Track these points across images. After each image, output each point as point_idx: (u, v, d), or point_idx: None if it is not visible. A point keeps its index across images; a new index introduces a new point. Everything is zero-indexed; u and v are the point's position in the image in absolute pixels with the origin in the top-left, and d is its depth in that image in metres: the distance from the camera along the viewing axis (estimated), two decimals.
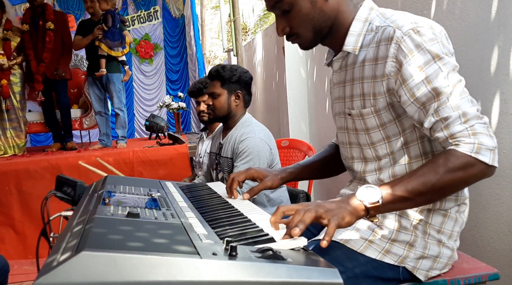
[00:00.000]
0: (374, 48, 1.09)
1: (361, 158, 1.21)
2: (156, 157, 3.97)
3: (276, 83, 4.69)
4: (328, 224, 0.92)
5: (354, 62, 1.16)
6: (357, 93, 1.15)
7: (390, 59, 1.04)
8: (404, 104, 1.05)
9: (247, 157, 2.03)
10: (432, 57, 1.01)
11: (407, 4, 2.13)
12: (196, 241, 0.77)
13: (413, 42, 1.02)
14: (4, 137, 4.52)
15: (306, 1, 1.11)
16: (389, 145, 1.14)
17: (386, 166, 1.15)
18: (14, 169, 3.74)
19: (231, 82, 2.17)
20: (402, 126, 1.12)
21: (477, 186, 1.68)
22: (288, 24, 1.15)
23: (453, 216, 1.14)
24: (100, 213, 0.87)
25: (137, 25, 7.33)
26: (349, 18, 1.15)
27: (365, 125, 1.15)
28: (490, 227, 1.68)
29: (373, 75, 1.10)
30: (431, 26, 1.05)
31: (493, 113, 1.62)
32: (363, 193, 0.98)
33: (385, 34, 1.06)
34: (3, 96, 4.42)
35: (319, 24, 1.14)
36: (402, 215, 1.14)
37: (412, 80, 1.02)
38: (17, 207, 3.67)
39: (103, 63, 4.45)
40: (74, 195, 1.37)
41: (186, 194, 1.36)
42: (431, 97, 1.01)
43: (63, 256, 0.64)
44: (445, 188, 1.00)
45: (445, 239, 1.13)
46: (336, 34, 1.17)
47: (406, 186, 0.99)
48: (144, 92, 7.51)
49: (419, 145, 1.12)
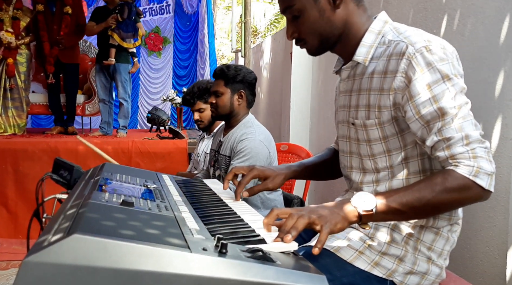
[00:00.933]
0: (385, 61, 1.09)
1: (360, 168, 1.22)
2: (155, 149, 3.97)
3: (280, 88, 4.69)
4: (320, 230, 0.93)
5: (362, 73, 1.17)
6: (363, 104, 1.16)
7: (400, 74, 1.05)
8: (409, 120, 1.06)
9: (244, 157, 2.03)
10: (442, 77, 1.02)
11: (417, 21, 2.14)
12: (187, 235, 0.77)
13: (424, 60, 1.02)
14: (5, 116, 4.52)
15: (315, 10, 1.13)
16: (389, 158, 1.14)
17: (384, 179, 1.16)
18: (12, 148, 3.75)
19: (235, 81, 2.18)
20: (404, 141, 1.12)
21: (471, 208, 1.69)
22: (296, 30, 1.17)
23: (445, 235, 1.15)
24: (94, 198, 0.87)
25: (148, 17, 7.34)
26: (361, 29, 1.16)
27: (368, 137, 1.16)
28: (481, 249, 1.68)
29: (380, 88, 1.10)
30: (443, 46, 1.06)
31: (494, 137, 1.62)
32: (359, 199, 0.99)
33: (397, 49, 1.07)
34: (7, 75, 4.43)
35: (326, 33, 1.15)
36: (394, 229, 1.14)
37: (419, 98, 1.03)
38: (11, 186, 3.68)
39: (112, 52, 4.47)
40: (70, 179, 1.37)
41: (181, 189, 1.36)
42: (436, 116, 1.02)
43: (54, 237, 0.64)
44: (439, 206, 1.02)
45: (435, 256, 1.14)
46: (347, 44, 1.18)
47: (401, 199, 1.00)
48: (150, 85, 7.51)
49: (418, 162, 1.12)
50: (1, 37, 4.35)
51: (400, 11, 2.31)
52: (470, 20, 1.77)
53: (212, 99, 2.22)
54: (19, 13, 4.48)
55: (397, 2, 2.35)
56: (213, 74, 2.29)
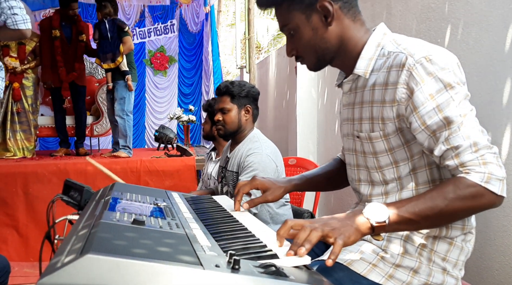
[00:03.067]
0: (385, 73, 1.09)
1: (368, 181, 1.21)
2: (163, 167, 3.98)
3: (286, 102, 4.71)
4: (334, 243, 0.92)
5: (364, 85, 1.17)
6: (366, 116, 1.16)
7: (401, 85, 1.05)
8: (415, 131, 1.06)
9: (252, 172, 2.03)
10: (444, 85, 1.02)
11: (421, 32, 2.15)
12: (199, 252, 0.77)
13: (425, 70, 1.02)
14: (14, 139, 4.57)
15: (308, 28, 1.15)
16: (396, 169, 1.13)
17: (393, 191, 1.15)
18: (22, 171, 3.78)
19: (241, 97, 2.20)
20: (410, 152, 1.12)
21: (484, 217, 1.67)
22: (294, 47, 1.20)
23: (459, 245, 1.13)
24: (106, 218, 0.87)
25: (153, 37, 7.43)
26: (359, 42, 1.16)
27: (373, 149, 1.16)
28: (496, 258, 1.65)
29: (382, 100, 1.10)
30: (443, 54, 1.05)
31: (504, 144, 1.61)
32: (371, 211, 0.98)
33: (397, 60, 1.07)
34: (14, 99, 4.49)
35: (321, 50, 1.17)
36: (407, 240, 1.13)
37: (424, 108, 1.02)
38: (22, 209, 3.69)
39: (108, 76, 4.48)
40: (80, 200, 1.37)
41: (191, 205, 1.36)
42: (442, 125, 1.01)
43: (67, 258, 0.64)
44: (452, 215, 1.00)
45: (450, 267, 1.12)
46: (345, 58, 1.19)
47: (414, 208, 0.99)
48: (155, 104, 7.57)
49: (427, 172, 1.12)
50: (6, 63, 4.42)
51: (404, 22, 2.32)
52: (474, 28, 1.78)
53: (219, 116, 2.23)
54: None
55: (400, 13, 2.36)
56: (216, 91, 2.29)
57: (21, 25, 2.48)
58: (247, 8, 6.38)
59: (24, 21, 2.49)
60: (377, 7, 2.64)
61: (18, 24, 2.47)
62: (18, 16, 2.45)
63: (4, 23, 2.46)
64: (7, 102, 4.49)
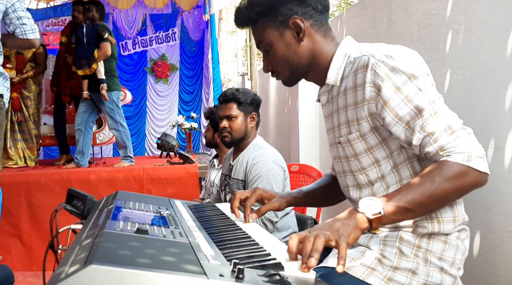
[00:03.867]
0: (353, 77, 1.16)
1: (355, 185, 1.25)
2: (165, 175, 3.98)
3: (288, 108, 4.71)
4: (338, 246, 0.93)
5: (337, 93, 1.23)
6: (343, 121, 1.21)
7: (368, 84, 1.10)
8: (389, 126, 1.10)
9: (263, 181, 2.03)
10: (408, 77, 1.07)
11: (422, 37, 2.16)
12: (203, 261, 0.77)
13: (387, 66, 1.08)
14: (15, 148, 4.58)
15: (281, 44, 1.23)
16: (379, 168, 1.17)
17: (380, 191, 1.19)
18: (25, 180, 3.78)
19: (247, 104, 2.22)
20: (389, 149, 1.16)
21: (489, 222, 1.66)
22: (270, 63, 1.28)
23: (454, 243, 1.14)
24: (109, 227, 0.87)
25: (154, 45, 7.46)
26: (329, 55, 1.24)
27: (354, 151, 1.20)
28: (501, 264, 1.64)
29: (354, 102, 1.16)
30: (403, 51, 1.12)
31: (507, 149, 1.61)
32: (365, 204, 1.02)
33: (361, 63, 1.13)
34: (13, 109, 4.51)
35: (294, 64, 1.25)
36: (401, 242, 1.14)
37: (393, 101, 1.08)
38: (25, 219, 3.69)
39: (84, 84, 4.11)
40: (83, 209, 1.38)
41: (194, 214, 1.36)
42: (414, 115, 1.06)
43: (71, 268, 0.64)
44: (442, 197, 1.04)
45: (447, 266, 1.13)
46: (317, 71, 1.26)
47: (405, 197, 1.02)
48: (156, 112, 7.58)
49: (408, 166, 1.15)
50: None
51: (405, 28, 2.33)
52: (475, 34, 1.78)
53: (225, 123, 2.23)
54: None
55: (401, 19, 2.37)
56: (222, 98, 2.27)
57: (30, 35, 2.52)
58: None
59: (32, 30, 2.53)
60: (377, 14, 2.65)
61: (27, 34, 2.51)
62: (27, 26, 2.49)
63: (13, 32, 2.50)
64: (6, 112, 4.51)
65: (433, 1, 2.07)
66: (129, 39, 7.27)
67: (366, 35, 2.81)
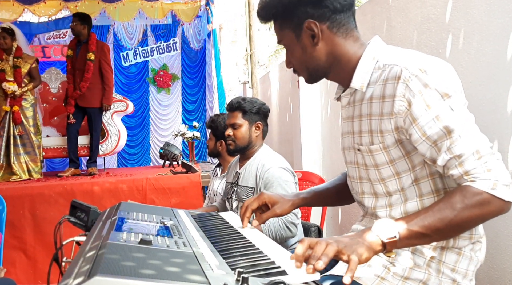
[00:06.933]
0: (381, 86, 1.10)
1: (371, 193, 1.21)
2: (169, 185, 3.98)
3: (290, 116, 4.72)
4: (348, 260, 0.91)
5: (361, 98, 1.17)
6: (365, 129, 1.16)
7: (398, 98, 1.05)
8: (416, 143, 1.06)
9: (277, 187, 2.03)
10: (441, 95, 1.02)
11: (422, 43, 2.16)
12: (207, 270, 0.77)
13: (421, 82, 1.02)
14: (18, 162, 4.58)
15: (298, 46, 1.19)
16: (399, 181, 1.13)
17: (397, 203, 1.15)
18: (29, 193, 3.78)
19: (252, 113, 2.22)
20: (412, 163, 1.11)
21: (495, 227, 1.65)
22: (291, 61, 1.25)
23: (467, 255, 1.12)
24: (113, 239, 0.87)
25: (155, 56, 7.50)
26: (353, 57, 1.18)
27: (375, 161, 1.15)
28: (508, 268, 1.63)
29: (380, 113, 1.11)
30: (438, 65, 1.06)
31: (510, 152, 1.60)
32: (380, 227, 0.98)
33: (392, 73, 1.07)
34: (15, 123, 4.53)
35: (312, 66, 1.21)
36: (415, 252, 1.12)
37: (423, 119, 1.03)
38: (29, 231, 3.68)
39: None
40: (87, 221, 1.38)
41: (198, 223, 1.36)
42: (443, 135, 1.01)
43: (75, 281, 0.64)
44: (462, 225, 1.00)
45: (460, 278, 1.11)
46: (340, 72, 1.21)
47: (423, 222, 0.98)
48: (160, 122, 7.60)
49: (430, 182, 1.11)
50: (4, 88, 4.47)
51: (404, 33, 2.34)
52: (475, 38, 1.78)
53: (229, 131, 2.24)
54: (19, 61, 4.61)
55: (401, 24, 2.38)
56: (229, 107, 2.30)
57: None
58: (248, 25, 6.44)
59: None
60: (377, 20, 2.66)
61: None
62: None
63: None
64: (8, 126, 4.53)
65: (432, 6, 2.08)
66: (130, 50, 7.32)
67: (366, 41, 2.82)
